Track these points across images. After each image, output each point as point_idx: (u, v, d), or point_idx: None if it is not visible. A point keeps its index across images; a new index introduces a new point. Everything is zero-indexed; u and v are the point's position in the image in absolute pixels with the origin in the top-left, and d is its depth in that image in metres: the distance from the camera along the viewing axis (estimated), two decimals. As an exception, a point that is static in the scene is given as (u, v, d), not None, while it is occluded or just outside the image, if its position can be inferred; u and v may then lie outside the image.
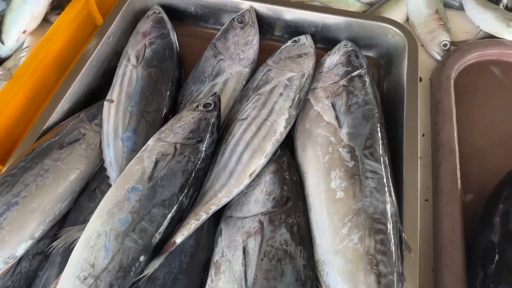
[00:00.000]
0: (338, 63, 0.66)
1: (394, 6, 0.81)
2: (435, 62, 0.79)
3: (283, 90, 0.62)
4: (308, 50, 0.70)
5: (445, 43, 0.77)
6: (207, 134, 0.54)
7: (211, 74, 0.66)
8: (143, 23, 0.75)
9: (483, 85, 0.74)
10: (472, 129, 0.67)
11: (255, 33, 0.73)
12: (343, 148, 0.54)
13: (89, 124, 0.59)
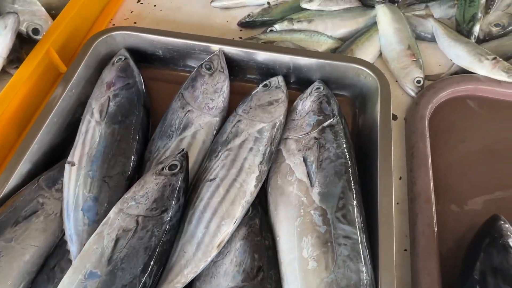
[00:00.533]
0: (310, 111, 0.65)
1: (366, 42, 0.80)
2: (410, 98, 0.78)
3: (253, 144, 0.60)
4: (279, 96, 0.68)
5: (418, 80, 0.76)
6: (172, 201, 0.52)
7: (178, 128, 0.64)
8: (108, 72, 0.72)
9: (458, 121, 0.73)
10: (449, 174, 0.66)
11: (224, 79, 0.71)
12: (314, 211, 0.52)
13: (48, 191, 0.56)
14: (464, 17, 0.82)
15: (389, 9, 0.83)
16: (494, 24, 0.83)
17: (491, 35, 0.83)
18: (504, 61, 0.73)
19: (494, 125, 0.73)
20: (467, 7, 0.82)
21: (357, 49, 0.78)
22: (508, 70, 0.71)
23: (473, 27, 0.80)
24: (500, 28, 0.82)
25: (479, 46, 0.77)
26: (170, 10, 0.93)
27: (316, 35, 0.80)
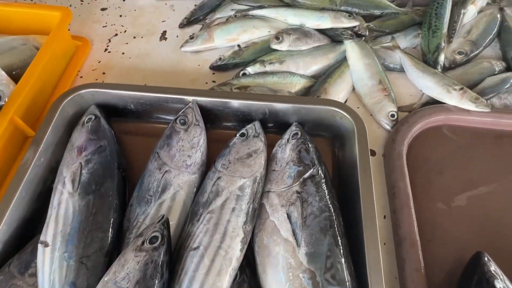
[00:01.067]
0: (290, 161, 0.64)
1: (339, 79, 0.81)
2: (386, 132, 0.80)
3: (235, 203, 0.59)
4: (257, 145, 0.67)
5: (392, 114, 0.78)
6: (155, 280, 0.49)
7: (156, 191, 0.61)
8: (78, 134, 0.69)
9: (434, 152, 0.74)
10: (431, 210, 0.67)
11: (200, 132, 0.69)
12: (303, 274, 0.51)
13: (21, 278, 0.52)
14: (429, 47, 0.85)
15: (357, 45, 0.85)
16: (457, 52, 0.86)
17: (456, 62, 0.86)
18: (470, 91, 0.76)
19: (468, 153, 0.75)
20: (431, 38, 0.85)
21: (330, 87, 0.79)
22: (475, 100, 0.74)
23: (438, 57, 0.83)
24: (463, 55, 0.86)
25: (446, 76, 0.80)
26: (139, 57, 0.91)
27: (289, 77, 0.80)
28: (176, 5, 1.01)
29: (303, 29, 0.86)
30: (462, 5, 0.91)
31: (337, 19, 0.84)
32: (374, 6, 0.87)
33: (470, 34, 0.89)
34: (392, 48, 0.88)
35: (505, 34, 0.90)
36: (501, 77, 0.80)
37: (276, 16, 0.89)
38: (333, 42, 0.88)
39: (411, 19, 0.91)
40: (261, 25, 0.87)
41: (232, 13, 0.95)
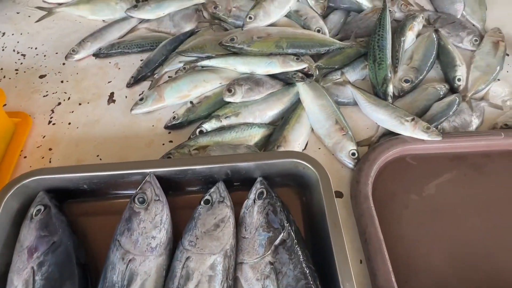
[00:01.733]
0: (259, 227, 0.62)
1: (296, 124, 0.81)
2: (350, 170, 0.81)
3: (208, 285, 0.56)
4: (224, 213, 0.65)
5: (353, 152, 0.79)
6: None
7: (122, 285, 0.57)
8: (27, 232, 0.62)
9: (397, 186, 0.75)
10: (404, 250, 0.67)
11: (162, 207, 0.65)
12: None
13: None
14: (377, 79, 0.87)
15: (309, 87, 0.85)
16: (404, 80, 0.89)
17: (404, 90, 0.89)
18: (421, 121, 0.78)
19: (429, 181, 0.77)
20: (377, 70, 0.88)
21: (289, 134, 0.79)
22: (427, 130, 0.77)
23: (387, 89, 0.86)
24: (409, 83, 0.89)
25: (398, 108, 0.82)
26: (88, 125, 0.86)
27: (246, 129, 0.79)
28: (121, 63, 0.97)
29: (254, 77, 0.85)
30: (400, 33, 0.95)
31: (286, 63, 0.85)
32: (319, 45, 0.88)
33: (412, 60, 0.93)
34: (343, 84, 0.90)
35: (443, 55, 0.95)
36: (446, 101, 0.85)
37: (225, 66, 0.88)
38: (286, 85, 0.88)
39: (357, 51, 0.93)
40: (211, 77, 0.86)
41: (180, 65, 0.93)
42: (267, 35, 0.86)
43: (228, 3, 0.98)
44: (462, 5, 1.07)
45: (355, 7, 1.04)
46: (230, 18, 0.98)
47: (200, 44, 0.91)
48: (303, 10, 0.97)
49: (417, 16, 0.99)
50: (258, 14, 0.90)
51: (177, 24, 1.00)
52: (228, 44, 0.86)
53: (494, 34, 0.99)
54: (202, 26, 0.99)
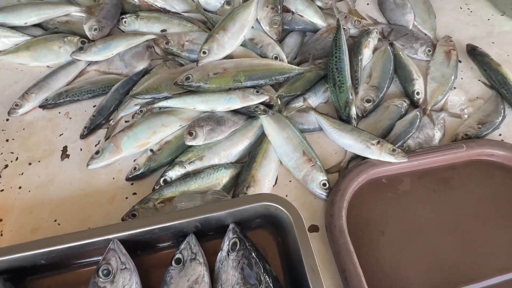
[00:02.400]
0: (235, 284, 0.59)
1: (264, 160, 0.78)
2: (323, 201, 0.79)
3: None
4: (197, 272, 0.61)
5: (324, 183, 0.77)
6: None
7: None
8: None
9: (371, 212, 0.75)
10: (384, 283, 0.66)
11: (130, 275, 0.60)
12: None
13: None
14: (339, 103, 0.86)
15: (272, 119, 0.83)
16: (365, 100, 0.89)
17: (367, 110, 0.89)
18: (387, 143, 0.78)
19: (400, 202, 0.77)
20: (338, 94, 0.87)
21: (257, 172, 0.76)
22: (393, 152, 0.77)
23: (350, 112, 0.85)
24: (371, 103, 0.89)
25: (363, 132, 0.81)
26: (41, 187, 0.79)
27: (213, 173, 0.76)
28: (72, 111, 0.90)
29: (215, 116, 0.82)
30: (357, 51, 0.95)
31: (246, 97, 0.82)
32: (278, 73, 0.86)
33: (371, 78, 0.93)
34: (306, 110, 0.89)
35: (400, 70, 0.96)
36: (408, 119, 0.85)
37: (183, 106, 0.83)
38: (249, 118, 0.85)
39: (316, 74, 0.92)
40: (170, 120, 0.82)
41: (136, 108, 0.88)
42: (223, 70, 0.83)
43: (180, 38, 0.94)
44: (413, 15, 1.09)
45: (310, 28, 1.03)
46: (184, 52, 0.94)
47: (154, 85, 0.86)
48: (258, 38, 0.94)
49: (371, 32, 1.00)
50: (212, 47, 0.87)
51: (128, 63, 0.94)
52: (184, 84, 0.82)
53: (446, 43, 1.02)
54: (155, 64, 0.94)
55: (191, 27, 0.99)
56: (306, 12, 1.02)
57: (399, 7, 1.10)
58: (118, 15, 1.01)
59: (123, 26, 1.01)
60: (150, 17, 1.00)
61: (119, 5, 1.02)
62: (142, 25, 0.99)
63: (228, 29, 0.90)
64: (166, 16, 1.01)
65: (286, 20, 1.02)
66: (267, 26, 0.96)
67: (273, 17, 0.96)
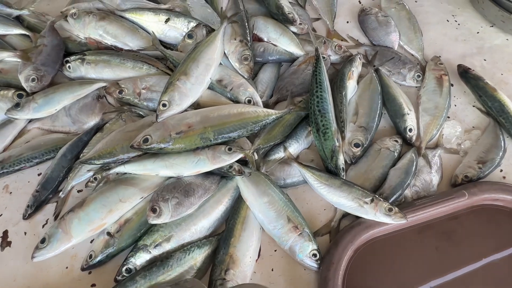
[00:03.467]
0: None
1: (243, 232, 0.66)
2: (315, 273, 0.68)
3: None
4: None
5: (314, 253, 0.66)
6: None
7: None
8: None
9: (370, 276, 0.67)
10: None
11: None
12: None
13: None
14: (325, 152, 0.75)
15: (249, 180, 0.71)
16: (353, 144, 0.78)
17: (356, 156, 0.78)
18: (382, 201, 0.68)
19: (402, 265, 0.68)
20: (323, 141, 0.75)
21: (236, 251, 0.64)
22: (389, 212, 0.67)
23: (338, 161, 0.74)
24: (360, 147, 0.78)
25: (354, 187, 0.70)
26: (-22, 288, 0.67)
27: (183, 257, 0.63)
28: (12, 184, 0.75)
29: (182, 183, 0.69)
30: (340, 85, 0.83)
31: (216, 158, 0.69)
32: (253, 123, 0.73)
33: (358, 116, 0.82)
34: (288, 161, 0.78)
35: (389, 103, 0.85)
36: (403, 167, 0.75)
37: (144, 172, 0.70)
38: (223, 179, 0.73)
39: (296, 116, 0.80)
40: (129, 193, 0.69)
41: (89, 174, 0.75)
42: (188, 128, 0.70)
43: (136, 84, 0.80)
44: (398, 35, 0.97)
45: (286, 58, 0.91)
46: (142, 101, 0.80)
47: (108, 147, 0.72)
48: (227, 79, 0.81)
49: (354, 59, 0.88)
50: (172, 98, 0.73)
51: (76, 119, 0.80)
52: (142, 147, 0.70)
53: (436, 66, 0.90)
54: (109, 118, 0.80)
55: (148, 69, 0.84)
56: (280, 40, 0.89)
57: (382, 25, 0.98)
58: (60, 58, 0.85)
59: (68, 72, 0.85)
60: (98, 61, 0.85)
61: (60, 46, 0.86)
62: (90, 70, 0.84)
63: (190, 73, 0.76)
64: (118, 58, 0.85)
65: (258, 52, 0.89)
66: (237, 63, 0.83)
67: (243, 51, 0.83)
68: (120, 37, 0.87)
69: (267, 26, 0.90)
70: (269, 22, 0.91)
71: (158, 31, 0.90)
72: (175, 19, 0.89)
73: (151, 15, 0.88)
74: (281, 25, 0.91)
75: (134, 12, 0.89)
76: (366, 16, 1.00)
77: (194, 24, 0.89)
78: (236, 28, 0.87)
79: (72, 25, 0.89)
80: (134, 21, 0.90)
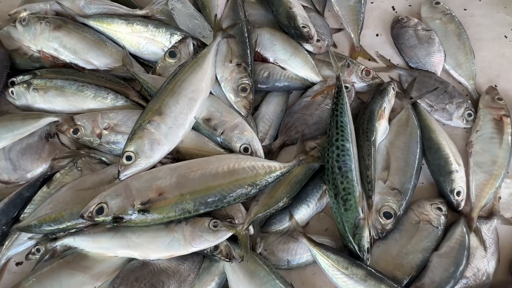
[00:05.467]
0: None
1: None
2: None
3: None
4: None
5: None
6: None
7: None
8: None
9: None
10: None
11: None
12: None
13: None
14: (345, 227, 0.55)
15: (241, 268, 0.51)
16: (383, 214, 0.59)
17: (385, 229, 0.59)
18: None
19: None
20: (343, 212, 0.55)
21: None
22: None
23: (361, 241, 0.54)
24: (392, 219, 0.59)
25: (385, 281, 0.51)
26: None
27: None
28: None
29: (147, 270, 0.49)
30: (368, 129, 0.62)
31: (196, 237, 0.49)
32: (249, 185, 0.53)
33: (390, 173, 0.61)
34: (294, 236, 0.60)
35: (431, 153, 0.64)
36: (451, 255, 0.55)
37: (98, 250, 0.51)
38: (205, 260, 0.55)
39: (308, 169, 0.60)
40: (76, 281, 0.48)
41: (30, 243, 0.55)
42: (157, 195, 0.51)
43: (95, 122, 0.59)
44: (442, 56, 0.75)
45: (297, 85, 0.70)
46: (104, 144, 0.60)
47: (53, 213, 0.53)
48: (217, 117, 0.60)
49: (386, 91, 0.67)
50: (141, 148, 0.54)
51: (18, 165, 0.60)
52: (95, 219, 0.51)
53: (493, 103, 0.69)
54: (59, 166, 0.60)
55: (114, 99, 0.64)
56: (291, 62, 0.68)
57: (423, 42, 0.75)
58: (3, 78, 0.65)
59: (11, 98, 0.65)
60: (49, 87, 0.64)
61: (4, 62, 0.65)
62: (37, 99, 0.63)
63: (167, 113, 0.56)
64: (74, 84, 0.64)
65: (262, 77, 0.68)
66: (232, 94, 0.62)
67: (240, 79, 0.62)
68: (80, 52, 0.66)
69: (274, 42, 0.69)
70: (277, 38, 0.69)
71: (132, 45, 0.68)
72: (154, 30, 0.67)
73: (122, 24, 0.67)
74: (292, 42, 0.70)
75: (101, 19, 0.68)
76: (403, 29, 0.77)
77: (179, 36, 0.68)
78: (233, 45, 0.65)
79: (21, 34, 0.68)
80: (100, 31, 0.68)
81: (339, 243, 0.59)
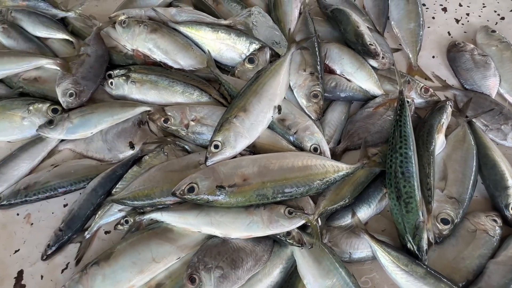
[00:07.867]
0: None
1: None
2: None
3: None
4: None
5: None
6: None
7: None
8: None
9: None
10: None
11: None
12: None
13: None
14: (406, 228, 0.60)
15: (310, 255, 0.57)
16: (441, 220, 0.63)
17: (442, 235, 0.63)
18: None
19: None
20: (404, 214, 0.60)
21: None
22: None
23: (421, 242, 0.59)
24: (449, 225, 0.63)
25: (443, 280, 0.54)
26: None
27: None
28: (35, 214, 0.66)
29: (228, 247, 0.56)
30: (428, 140, 0.67)
31: (273, 222, 0.56)
32: (320, 180, 0.59)
33: (447, 183, 0.66)
34: (356, 231, 0.64)
35: (487, 170, 0.68)
36: (509, 263, 0.57)
37: (184, 225, 0.59)
38: (275, 244, 0.60)
39: (369, 173, 0.65)
40: (164, 250, 0.57)
41: (120, 215, 0.64)
42: (242, 181, 0.58)
43: (184, 114, 0.68)
44: (498, 80, 0.80)
45: (360, 96, 0.76)
46: (189, 134, 0.68)
47: (145, 189, 0.61)
48: (291, 118, 0.67)
49: (444, 108, 0.72)
50: (227, 139, 0.61)
51: (113, 146, 0.69)
52: (186, 197, 0.58)
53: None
54: (148, 150, 0.68)
55: (199, 95, 0.72)
56: (356, 75, 0.75)
57: (479, 66, 0.81)
58: (102, 71, 0.75)
59: (109, 88, 0.75)
60: (145, 81, 0.73)
61: (105, 57, 0.76)
62: (134, 90, 0.73)
63: (251, 110, 0.64)
64: (166, 80, 0.73)
65: (329, 87, 0.75)
66: (304, 99, 0.70)
67: (313, 86, 0.69)
68: (171, 53, 0.76)
69: (342, 56, 0.76)
70: (345, 53, 0.77)
71: (214, 50, 0.77)
72: (236, 38, 0.76)
73: (208, 31, 0.76)
74: (358, 57, 0.77)
75: (190, 26, 0.77)
76: (459, 53, 0.83)
77: (257, 46, 0.76)
78: (307, 56, 0.73)
79: (120, 34, 0.78)
80: (189, 36, 0.78)
81: (396, 244, 0.64)
